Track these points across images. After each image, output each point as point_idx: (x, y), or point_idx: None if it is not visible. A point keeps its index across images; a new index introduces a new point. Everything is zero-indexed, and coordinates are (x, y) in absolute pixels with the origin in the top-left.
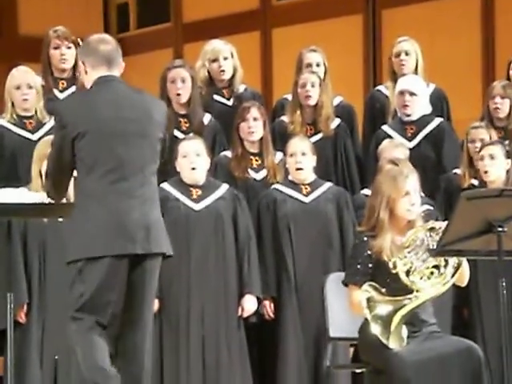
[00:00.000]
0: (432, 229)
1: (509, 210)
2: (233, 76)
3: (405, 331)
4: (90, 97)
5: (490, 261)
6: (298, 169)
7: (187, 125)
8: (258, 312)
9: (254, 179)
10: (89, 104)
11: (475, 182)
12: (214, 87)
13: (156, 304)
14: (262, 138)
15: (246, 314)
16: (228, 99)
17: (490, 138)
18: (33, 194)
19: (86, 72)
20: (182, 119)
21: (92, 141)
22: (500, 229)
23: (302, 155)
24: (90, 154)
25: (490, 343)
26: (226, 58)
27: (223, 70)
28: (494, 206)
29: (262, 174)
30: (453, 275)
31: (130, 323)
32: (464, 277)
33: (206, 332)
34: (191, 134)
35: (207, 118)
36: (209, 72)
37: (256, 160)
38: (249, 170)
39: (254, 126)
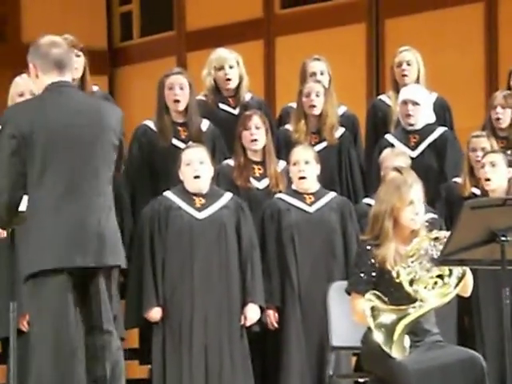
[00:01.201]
0: (436, 238)
1: None
2: (239, 84)
3: (407, 341)
4: (40, 104)
5: (490, 269)
6: (301, 177)
7: (186, 133)
8: (261, 321)
9: (257, 188)
10: (39, 111)
11: (476, 191)
12: (220, 96)
13: (159, 312)
14: (264, 147)
15: (248, 323)
16: (234, 108)
17: (491, 146)
18: None
19: (36, 76)
20: (180, 128)
21: (43, 150)
22: (503, 238)
23: (305, 164)
24: (42, 163)
25: (490, 351)
26: (231, 67)
27: (229, 79)
28: (498, 216)
29: (265, 182)
30: (456, 285)
31: (92, 334)
32: (468, 287)
33: (209, 341)
34: (191, 142)
35: (205, 125)
36: (215, 80)
37: (258, 169)
38: (251, 179)
39: (256, 134)
